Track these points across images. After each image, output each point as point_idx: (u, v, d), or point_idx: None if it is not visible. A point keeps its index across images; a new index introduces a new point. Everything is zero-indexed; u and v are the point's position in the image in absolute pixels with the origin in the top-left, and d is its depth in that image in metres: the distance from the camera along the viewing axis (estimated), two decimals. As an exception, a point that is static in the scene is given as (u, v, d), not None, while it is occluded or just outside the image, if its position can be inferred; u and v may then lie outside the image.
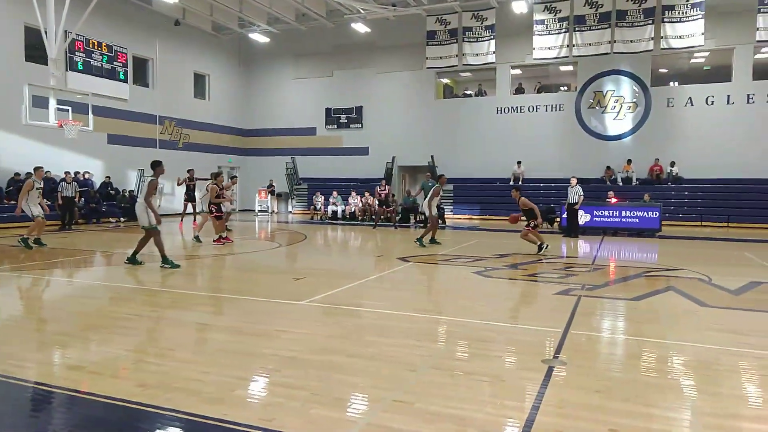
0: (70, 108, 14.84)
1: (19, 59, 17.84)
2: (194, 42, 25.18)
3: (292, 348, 4.76)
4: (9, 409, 3.64)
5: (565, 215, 16.05)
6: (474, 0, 21.79)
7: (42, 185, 11.81)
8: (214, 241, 12.65)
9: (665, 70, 23.35)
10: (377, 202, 20.37)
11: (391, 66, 25.60)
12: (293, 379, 3.99)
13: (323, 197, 23.14)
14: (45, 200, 12.29)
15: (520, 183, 23.06)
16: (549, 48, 21.44)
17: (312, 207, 23.39)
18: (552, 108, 23.49)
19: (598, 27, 20.71)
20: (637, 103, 22.24)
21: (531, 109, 23.77)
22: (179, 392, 3.70)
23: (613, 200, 17.58)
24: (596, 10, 20.67)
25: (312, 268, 9.81)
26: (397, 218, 20.80)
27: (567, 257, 11.46)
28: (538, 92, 24.67)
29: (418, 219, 20.72)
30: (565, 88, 25.02)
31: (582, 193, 15.28)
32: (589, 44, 20.92)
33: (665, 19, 19.91)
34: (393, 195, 20.93)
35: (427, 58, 23.41)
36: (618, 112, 22.53)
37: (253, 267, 10.32)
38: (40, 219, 11.64)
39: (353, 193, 22.18)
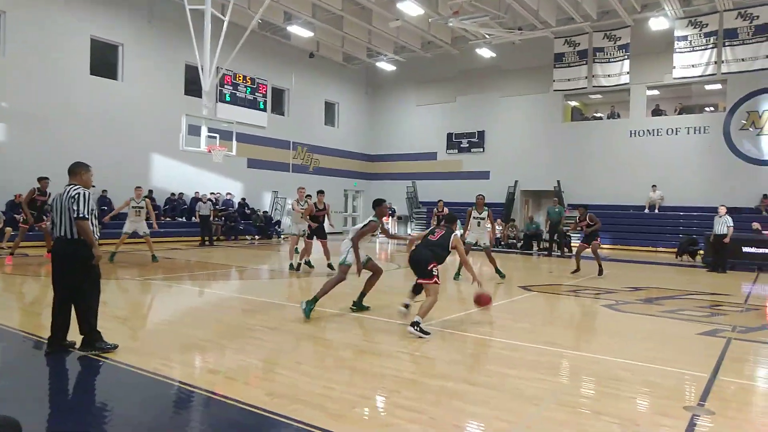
0: (217, 135, 16.46)
1: (179, 93, 20.27)
2: (326, 72, 26.82)
3: (412, 370, 4.77)
4: (155, 404, 4.05)
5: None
6: (606, 20, 20.80)
7: (140, 204, 12.30)
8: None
9: (838, 86, 20.35)
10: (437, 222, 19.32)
11: (516, 90, 25.17)
12: (413, 402, 3.99)
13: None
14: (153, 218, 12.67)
15: (656, 211, 21.32)
16: (693, 66, 19.73)
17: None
18: (695, 130, 21.49)
19: (753, 41, 18.66)
20: (803, 123, 19.60)
21: (670, 131, 21.95)
22: (304, 404, 3.87)
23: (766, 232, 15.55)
24: (750, 23, 18.68)
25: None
26: (519, 245, 20.19)
27: (713, 294, 10.27)
28: (678, 114, 22.73)
29: (541, 246, 19.93)
30: (712, 108, 22.76)
31: (731, 224, 13.66)
32: (742, 60, 18.90)
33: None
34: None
35: (554, 81, 22.70)
36: (778, 134, 20.00)
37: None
38: (125, 236, 12.40)
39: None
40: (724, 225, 13.66)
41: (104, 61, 18.46)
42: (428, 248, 6.50)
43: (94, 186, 5.59)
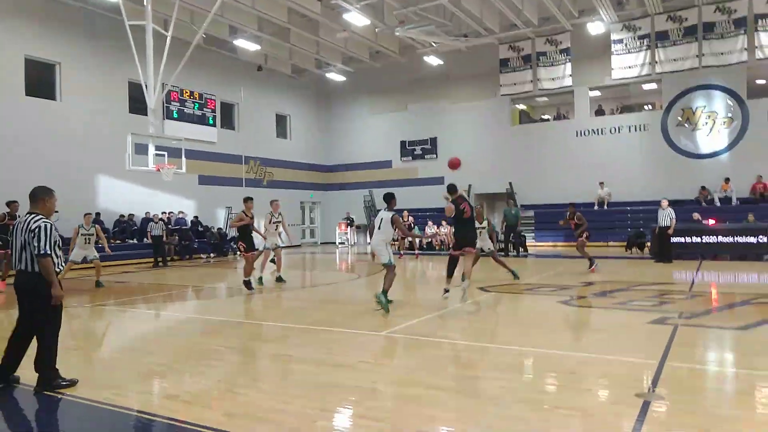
0: (166, 153, 16.04)
1: (124, 112, 19.63)
2: (275, 85, 26.61)
3: (372, 379, 4.76)
4: (112, 434, 3.89)
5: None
6: (547, 26, 21.52)
7: (90, 231, 11.96)
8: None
9: (763, 81, 21.65)
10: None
11: (465, 96, 25.65)
12: (375, 411, 3.98)
13: (400, 228, 23.26)
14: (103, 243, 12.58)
15: (605, 207, 22.08)
16: (629, 67, 20.64)
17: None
18: (636, 128, 22.44)
19: (683, 41, 19.70)
20: (733, 117, 20.74)
21: (613, 130, 22.84)
22: (263, 422, 3.80)
23: (711, 222, 16.35)
24: (680, 25, 19.71)
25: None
26: (476, 247, 20.46)
27: (660, 283, 10.69)
28: (620, 113, 23.69)
29: (497, 248, 20.26)
30: (650, 106, 23.81)
31: (674, 216, 14.34)
32: (674, 60, 19.91)
33: (759, 28, 18.61)
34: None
35: (501, 86, 23.25)
36: (711, 129, 21.10)
37: (334, 298, 10.50)
38: (71, 264, 11.90)
39: (430, 223, 22.15)
40: (667, 217, 14.31)
41: (41, 80, 17.69)
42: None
43: (57, 212, 5.30)
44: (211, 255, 20.68)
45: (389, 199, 8.18)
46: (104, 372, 5.39)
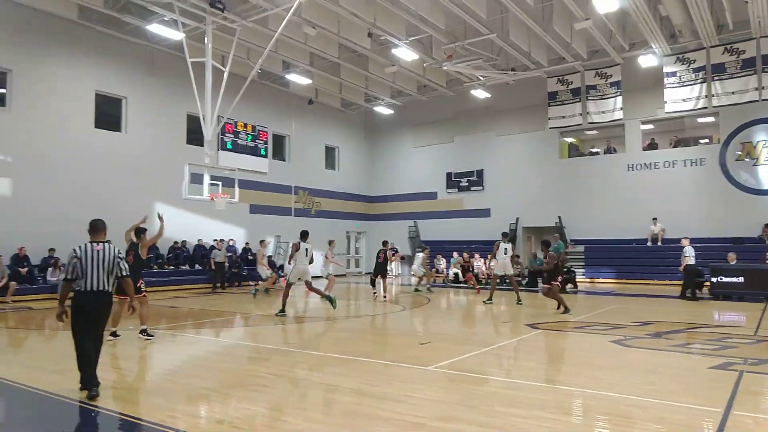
0: (220, 183, 16.67)
1: (181, 143, 20.59)
2: (325, 118, 27.34)
3: (418, 414, 4.71)
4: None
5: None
6: (596, 59, 21.32)
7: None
8: None
9: (829, 115, 20.62)
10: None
11: (512, 128, 25.55)
12: (421, 446, 3.93)
13: (445, 260, 23.09)
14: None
15: (659, 243, 21.29)
16: (683, 100, 20.09)
17: (434, 270, 23.40)
18: (692, 162, 21.69)
19: (742, 74, 19.07)
20: (797, 152, 19.79)
21: (667, 164, 22.15)
22: (311, 452, 3.81)
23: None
24: (738, 57, 19.13)
25: (437, 333, 9.73)
26: (524, 282, 20.06)
27: (722, 326, 10.15)
28: (674, 147, 22.99)
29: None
30: (707, 140, 23.03)
31: (688, 254, 14.82)
32: (732, 93, 19.26)
33: (824, 60, 17.86)
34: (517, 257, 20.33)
35: (549, 119, 23.06)
36: (773, 164, 20.17)
37: (380, 330, 10.49)
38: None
39: (476, 256, 21.89)
40: (682, 256, 14.97)
41: (108, 114, 18.83)
42: None
43: None
44: (260, 283, 21.07)
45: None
46: (157, 394, 5.55)
